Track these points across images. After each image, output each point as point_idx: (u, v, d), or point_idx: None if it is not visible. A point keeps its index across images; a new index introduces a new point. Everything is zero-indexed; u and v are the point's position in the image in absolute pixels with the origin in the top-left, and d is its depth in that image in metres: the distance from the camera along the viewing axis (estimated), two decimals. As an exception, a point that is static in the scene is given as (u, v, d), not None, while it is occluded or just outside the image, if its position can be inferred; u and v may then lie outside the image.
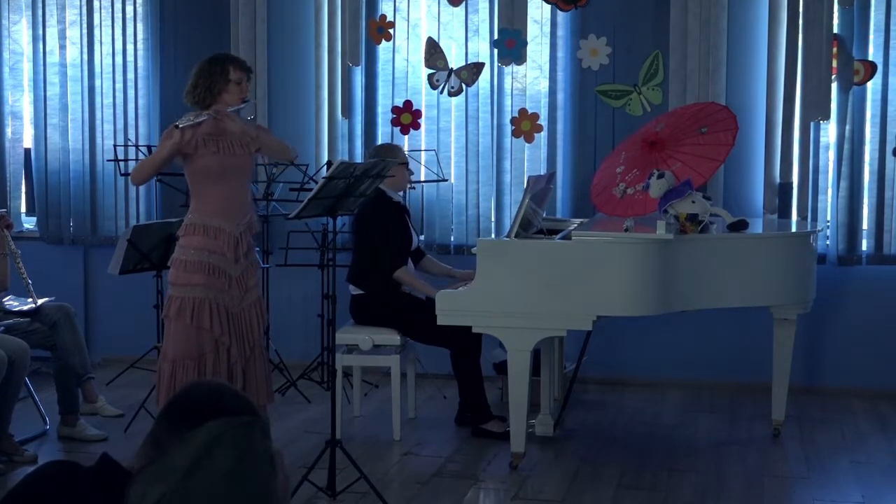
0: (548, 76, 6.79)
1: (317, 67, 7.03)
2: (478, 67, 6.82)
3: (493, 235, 6.81)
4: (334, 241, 5.01)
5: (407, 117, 6.88)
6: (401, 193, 6.05)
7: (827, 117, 6.44)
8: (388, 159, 4.97)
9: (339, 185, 4.61)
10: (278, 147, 5.01)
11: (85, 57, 7.30)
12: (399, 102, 6.91)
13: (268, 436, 1.92)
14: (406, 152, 6.56)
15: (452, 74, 6.84)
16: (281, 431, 5.61)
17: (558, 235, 5.45)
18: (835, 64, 6.42)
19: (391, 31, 6.90)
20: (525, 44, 6.72)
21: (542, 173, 6.50)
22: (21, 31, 7.43)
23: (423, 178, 6.56)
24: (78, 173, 7.36)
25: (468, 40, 6.84)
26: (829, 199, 6.54)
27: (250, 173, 4.97)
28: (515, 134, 6.80)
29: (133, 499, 1.83)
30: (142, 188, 7.27)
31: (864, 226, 6.57)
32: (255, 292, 4.86)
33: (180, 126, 4.57)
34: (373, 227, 5.79)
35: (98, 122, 7.31)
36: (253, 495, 1.87)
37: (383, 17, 6.90)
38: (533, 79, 6.83)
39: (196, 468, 1.82)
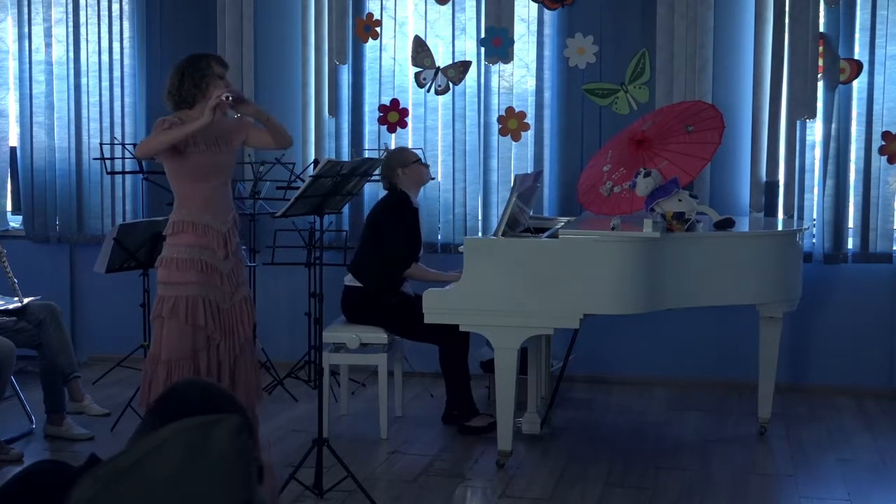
0: (535, 74, 6.80)
1: (303, 66, 7.02)
2: (465, 66, 6.83)
3: (480, 234, 6.81)
4: (321, 239, 5.00)
5: (394, 116, 6.88)
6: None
7: (813, 116, 6.46)
8: (374, 158, 4.97)
9: (327, 183, 4.60)
10: (282, 131, 4.80)
11: (71, 55, 7.28)
12: (386, 101, 6.91)
13: (242, 434, 1.86)
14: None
15: (439, 73, 6.84)
16: (268, 430, 5.60)
17: (545, 234, 5.45)
18: (821, 63, 6.44)
19: (378, 29, 6.90)
20: (512, 42, 6.73)
21: (528, 172, 6.50)
22: (7, 29, 7.41)
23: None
24: (64, 172, 7.34)
25: (455, 39, 6.84)
26: (815, 198, 6.55)
27: (232, 170, 4.93)
28: (502, 132, 6.81)
29: (72, 498, 1.80)
30: (128, 186, 7.26)
31: (850, 224, 6.59)
32: (244, 289, 4.84)
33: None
34: (389, 225, 5.81)
35: (84, 120, 7.30)
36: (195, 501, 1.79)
37: (370, 15, 6.90)
38: (520, 77, 6.84)
39: (134, 470, 1.77)
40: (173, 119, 4.58)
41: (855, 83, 6.48)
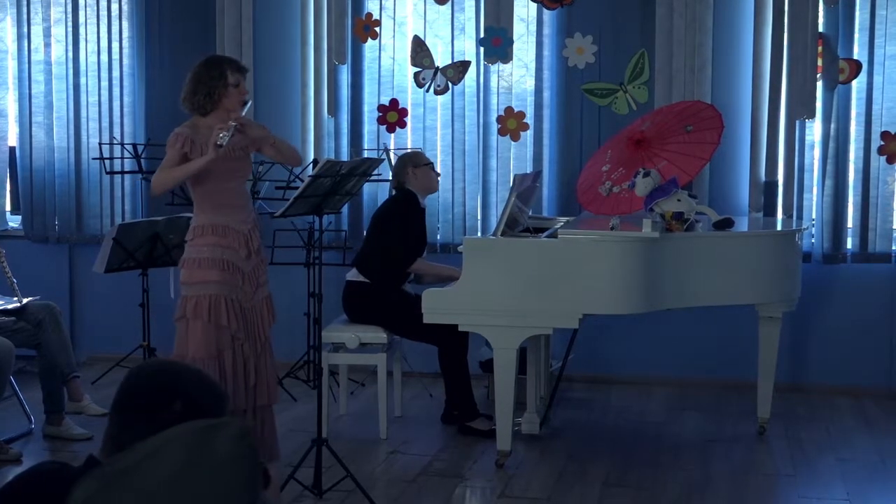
0: (534, 74, 6.79)
1: (303, 66, 7.02)
2: (464, 66, 6.82)
3: (479, 234, 6.81)
4: (321, 239, 5.00)
5: (393, 115, 6.88)
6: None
7: (812, 116, 6.45)
8: (373, 158, 4.97)
9: (326, 183, 4.60)
10: (290, 152, 4.94)
11: (70, 55, 7.28)
12: (385, 101, 6.90)
13: (245, 438, 1.85)
14: (393, 151, 6.58)
15: (438, 73, 6.84)
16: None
17: (544, 234, 5.45)
18: (820, 62, 6.44)
19: (377, 29, 6.89)
20: (511, 42, 6.73)
21: (528, 171, 6.50)
22: (6, 29, 7.41)
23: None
24: (63, 171, 7.34)
25: (454, 38, 6.84)
26: (815, 198, 6.55)
27: (249, 172, 4.94)
28: (501, 132, 6.81)
29: (73, 498, 1.80)
30: (127, 186, 7.26)
31: (849, 224, 6.59)
32: (265, 288, 4.84)
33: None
34: (395, 221, 5.82)
35: (83, 120, 7.30)
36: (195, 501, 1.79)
37: (369, 15, 6.90)
38: (519, 77, 6.84)
39: (135, 471, 1.77)
40: (186, 133, 4.57)
41: (854, 83, 6.48)
